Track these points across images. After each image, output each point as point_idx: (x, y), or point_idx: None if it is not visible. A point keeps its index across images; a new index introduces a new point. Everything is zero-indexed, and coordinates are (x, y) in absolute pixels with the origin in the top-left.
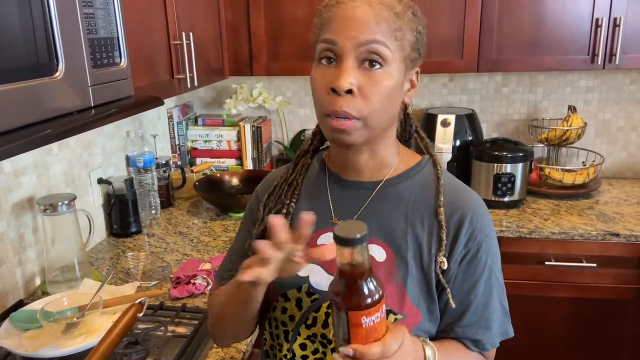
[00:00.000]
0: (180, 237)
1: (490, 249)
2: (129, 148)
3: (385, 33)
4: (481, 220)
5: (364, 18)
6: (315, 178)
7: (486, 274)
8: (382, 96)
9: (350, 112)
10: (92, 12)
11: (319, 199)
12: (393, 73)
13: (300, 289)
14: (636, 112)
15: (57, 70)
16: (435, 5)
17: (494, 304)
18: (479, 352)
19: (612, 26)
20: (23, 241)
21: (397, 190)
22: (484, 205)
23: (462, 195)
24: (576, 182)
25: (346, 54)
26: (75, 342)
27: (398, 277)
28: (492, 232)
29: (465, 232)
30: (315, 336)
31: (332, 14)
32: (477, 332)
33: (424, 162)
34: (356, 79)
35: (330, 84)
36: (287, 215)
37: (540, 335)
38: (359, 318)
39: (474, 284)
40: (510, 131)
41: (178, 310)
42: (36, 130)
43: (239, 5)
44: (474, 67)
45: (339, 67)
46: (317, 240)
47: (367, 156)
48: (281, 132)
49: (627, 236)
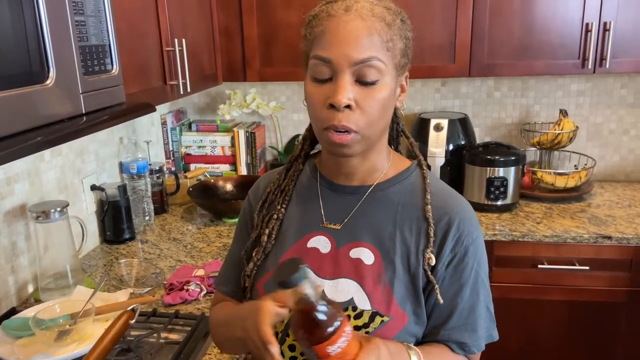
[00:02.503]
0: (174, 243)
1: (477, 253)
2: (123, 154)
3: (378, 47)
4: (468, 225)
5: (357, 34)
6: (306, 183)
7: (472, 278)
8: (378, 109)
9: (349, 126)
10: (83, 19)
11: (310, 203)
12: (388, 83)
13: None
14: (627, 115)
15: (47, 78)
16: (428, 11)
17: (480, 307)
18: (464, 355)
19: (602, 31)
20: (15, 248)
21: (387, 194)
22: (472, 211)
23: (450, 201)
24: (568, 186)
25: (341, 71)
26: (67, 349)
27: (385, 279)
28: (480, 238)
29: (452, 237)
30: None
31: (324, 28)
32: (463, 334)
33: (413, 167)
34: (353, 93)
35: (328, 99)
36: (277, 221)
37: (534, 338)
38: (324, 349)
39: (460, 287)
40: (502, 135)
41: (171, 317)
42: (27, 138)
43: (232, 10)
44: (465, 72)
45: (335, 82)
46: (307, 243)
47: (359, 161)
48: (275, 138)
49: (619, 239)
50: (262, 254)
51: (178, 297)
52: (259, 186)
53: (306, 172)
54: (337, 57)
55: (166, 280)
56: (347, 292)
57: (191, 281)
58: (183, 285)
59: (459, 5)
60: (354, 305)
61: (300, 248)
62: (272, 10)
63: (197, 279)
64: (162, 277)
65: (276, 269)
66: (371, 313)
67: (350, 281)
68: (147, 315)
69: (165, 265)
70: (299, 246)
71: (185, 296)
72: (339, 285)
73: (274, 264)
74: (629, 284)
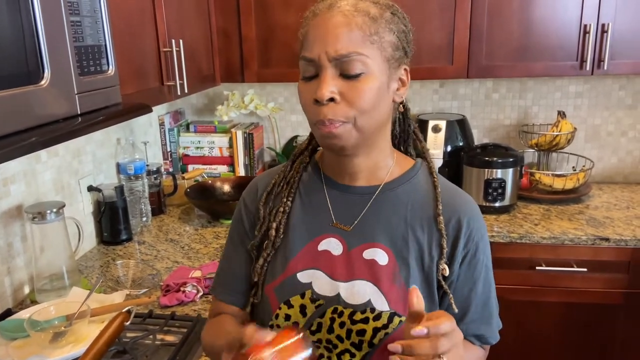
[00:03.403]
0: (171, 245)
1: (485, 248)
2: (120, 155)
3: (359, 41)
4: (477, 222)
5: (336, 31)
6: (311, 180)
7: (484, 273)
8: (366, 99)
9: (336, 118)
10: (78, 20)
11: (317, 204)
12: (375, 75)
13: (303, 295)
14: (625, 117)
15: (43, 78)
16: (426, 13)
17: (492, 299)
18: (480, 346)
19: (601, 32)
20: (12, 249)
21: (396, 194)
22: (477, 208)
23: (458, 200)
24: (566, 187)
25: (324, 67)
26: (62, 351)
27: (401, 279)
28: (486, 234)
29: (464, 235)
30: (320, 342)
31: (308, 28)
32: (479, 327)
33: (418, 165)
34: (336, 86)
35: (313, 95)
36: (284, 214)
37: (531, 340)
38: None
39: (474, 282)
40: (500, 136)
41: (167, 319)
42: (22, 138)
43: (230, 11)
44: (464, 73)
45: (319, 79)
46: (319, 246)
47: (361, 160)
48: (273, 139)
49: (617, 241)
50: (271, 249)
51: (174, 299)
52: (256, 187)
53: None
54: (318, 55)
55: (163, 282)
56: (363, 293)
57: (188, 283)
58: (179, 287)
59: (457, 7)
60: (372, 307)
61: (312, 251)
62: (270, 11)
63: (193, 280)
64: (158, 279)
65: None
66: (389, 314)
67: (366, 283)
68: (143, 317)
69: (162, 267)
70: (310, 249)
71: (182, 298)
72: (354, 288)
73: (283, 265)
74: (626, 286)
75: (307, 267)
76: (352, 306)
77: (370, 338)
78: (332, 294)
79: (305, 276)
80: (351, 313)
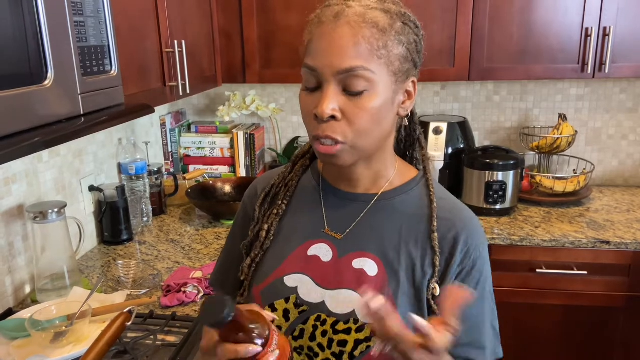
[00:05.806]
0: (172, 245)
1: (483, 268)
2: (121, 155)
3: (366, 55)
4: (476, 239)
5: (342, 42)
6: (309, 183)
7: (479, 292)
8: (367, 119)
9: (335, 137)
10: (82, 20)
11: (312, 208)
12: (379, 93)
13: (288, 299)
14: (626, 120)
15: (46, 78)
16: (427, 15)
17: (486, 325)
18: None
19: (602, 36)
20: (13, 249)
21: (393, 204)
22: (477, 222)
23: (456, 213)
24: (567, 190)
25: (327, 81)
26: (63, 351)
27: (389, 291)
28: (485, 251)
29: (460, 251)
30: (302, 348)
31: (314, 36)
32: (469, 351)
33: (419, 177)
34: (338, 103)
35: (314, 110)
36: (277, 216)
37: (531, 343)
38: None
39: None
40: (501, 139)
41: (168, 319)
42: (25, 138)
43: (232, 12)
44: (465, 76)
45: (321, 92)
46: (308, 251)
47: (362, 169)
48: (274, 140)
49: (618, 244)
50: (259, 250)
51: (175, 299)
52: (256, 189)
53: (310, 172)
54: (322, 67)
55: (163, 282)
56: (349, 303)
57: (188, 283)
58: (180, 287)
59: (459, 9)
60: (355, 317)
61: (301, 255)
62: (272, 12)
63: (194, 281)
64: (159, 279)
65: (204, 311)
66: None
67: (352, 292)
68: (144, 317)
69: (163, 267)
70: (299, 253)
71: (183, 298)
72: (340, 296)
73: (272, 267)
74: (627, 289)
75: (294, 271)
76: (336, 315)
77: (351, 350)
78: (317, 300)
79: (292, 280)
80: (334, 322)
